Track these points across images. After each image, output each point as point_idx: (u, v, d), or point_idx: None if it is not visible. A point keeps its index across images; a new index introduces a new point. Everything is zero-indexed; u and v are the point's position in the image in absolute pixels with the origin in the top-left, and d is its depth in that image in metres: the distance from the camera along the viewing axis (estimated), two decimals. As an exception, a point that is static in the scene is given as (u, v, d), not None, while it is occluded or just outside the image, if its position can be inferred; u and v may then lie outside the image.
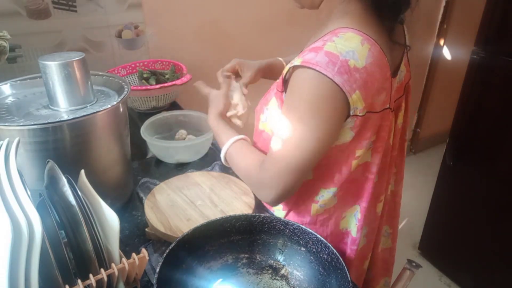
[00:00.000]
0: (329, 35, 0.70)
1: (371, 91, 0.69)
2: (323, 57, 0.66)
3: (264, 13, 1.87)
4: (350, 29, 0.70)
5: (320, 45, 0.68)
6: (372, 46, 0.69)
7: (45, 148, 0.75)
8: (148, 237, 0.85)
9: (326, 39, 0.69)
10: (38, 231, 0.53)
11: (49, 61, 0.77)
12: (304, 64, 0.67)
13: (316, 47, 0.68)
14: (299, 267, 0.73)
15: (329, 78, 0.65)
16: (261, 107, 0.87)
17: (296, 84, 0.70)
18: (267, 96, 0.87)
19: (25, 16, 1.35)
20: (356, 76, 0.66)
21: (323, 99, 0.67)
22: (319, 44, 0.69)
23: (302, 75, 0.68)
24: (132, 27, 1.57)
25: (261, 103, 0.88)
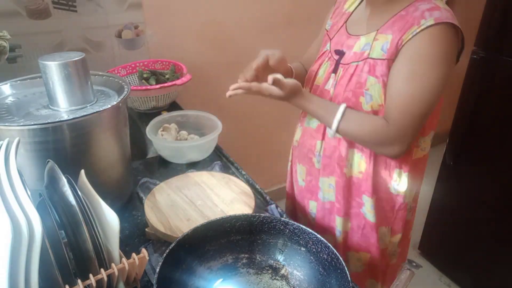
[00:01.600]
0: (423, 0, 0.82)
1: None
2: (446, 13, 0.78)
3: (264, 14, 1.87)
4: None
5: (433, 5, 0.80)
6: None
7: (45, 148, 0.75)
8: (148, 237, 0.85)
9: (428, 2, 0.81)
10: (38, 231, 0.53)
11: (49, 61, 0.77)
12: (439, 21, 0.77)
13: (432, 7, 0.79)
14: (299, 267, 0.73)
15: (458, 28, 0.79)
16: (354, 94, 0.87)
17: (431, 41, 0.78)
18: (352, 84, 0.88)
19: (25, 16, 1.34)
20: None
21: (453, 49, 0.81)
22: (429, 5, 0.80)
23: (437, 32, 0.78)
24: (132, 27, 1.57)
25: (350, 91, 0.88)
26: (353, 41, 0.91)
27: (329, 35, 1.01)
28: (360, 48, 0.89)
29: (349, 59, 0.90)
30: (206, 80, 1.80)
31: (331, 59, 0.96)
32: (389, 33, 0.83)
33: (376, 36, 0.86)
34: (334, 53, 0.95)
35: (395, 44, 0.81)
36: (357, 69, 0.87)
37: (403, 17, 0.82)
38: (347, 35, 0.95)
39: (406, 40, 0.80)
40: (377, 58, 0.85)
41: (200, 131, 1.22)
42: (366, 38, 0.88)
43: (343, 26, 0.98)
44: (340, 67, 0.92)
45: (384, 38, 0.84)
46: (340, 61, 0.93)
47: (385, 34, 0.84)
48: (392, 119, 0.83)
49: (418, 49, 0.79)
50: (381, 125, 0.85)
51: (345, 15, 1.00)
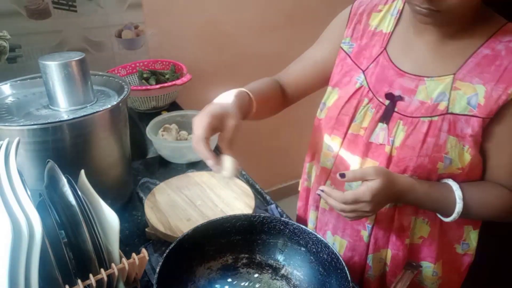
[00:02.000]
0: (509, 35, 0.66)
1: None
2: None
3: (264, 13, 1.87)
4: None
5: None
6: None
7: (45, 148, 0.75)
8: (148, 237, 0.85)
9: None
10: (38, 231, 0.53)
11: (49, 61, 0.77)
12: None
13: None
14: (299, 267, 0.73)
15: None
16: (432, 160, 0.70)
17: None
18: (428, 147, 0.70)
19: (25, 16, 1.34)
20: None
21: None
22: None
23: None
24: (132, 27, 1.57)
25: (426, 156, 0.70)
26: (412, 83, 0.71)
27: (358, 63, 0.79)
28: (432, 98, 0.69)
29: (414, 110, 0.71)
30: (206, 80, 1.80)
31: (373, 101, 0.75)
32: (478, 83, 0.66)
33: (454, 83, 0.68)
34: (383, 95, 0.74)
35: (495, 100, 0.65)
36: (432, 127, 0.69)
37: (492, 60, 0.65)
38: (397, 70, 0.73)
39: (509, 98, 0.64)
40: (460, 114, 0.67)
41: (200, 131, 1.22)
42: (437, 84, 0.69)
43: (383, 54, 0.75)
44: (399, 118, 0.72)
45: (471, 89, 0.66)
46: (395, 109, 0.73)
47: (470, 83, 0.67)
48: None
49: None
50: (508, 197, 0.72)
51: (378, 37, 0.77)
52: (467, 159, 0.70)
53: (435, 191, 0.71)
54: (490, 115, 0.66)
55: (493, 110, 0.66)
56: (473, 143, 0.68)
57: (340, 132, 0.80)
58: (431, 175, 0.72)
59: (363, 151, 0.77)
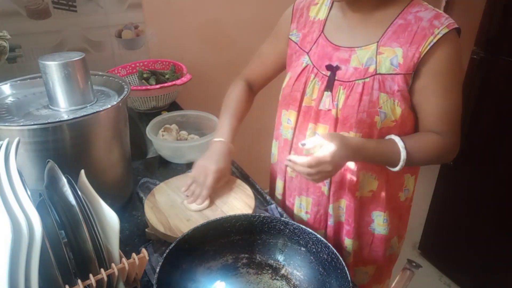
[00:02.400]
0: (417, 6, 0.80)
1: None
2: (448, 18, 0.78)
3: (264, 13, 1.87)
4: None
5: (434, 11, 0.79)
6: None
7: (45, 148, 0.75)
8: (148, 237, 0.85)
9: (425, 8, 0.80)
10: (38, 231, 0.53)
11: (49, 61, 0.77)
12: (451, 27, 0.77)
13: (436, 14, 0.78)
14: (299, 267, 0.73)
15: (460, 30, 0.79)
16: (369, 114, 0.82)
17: (451, 48, 0.78)
18: (365, 104, 0.82)
19: (25, 16, 1.35)
20: None
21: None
22: (429, 11, 0.79)
23: (453, 38, 0.78)
24: (132, 27, 1.57)
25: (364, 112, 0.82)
26: (346, 53, 0.85)
27: (303, 47, 0.92)
28: (362, 63, 0.82)
29: (350, 75, 0.83)
30: (206, 80, 1.80)
31: (318, 75, 0.88)
32: (396, 46, 0.79)
33: (378, 49, 0.81)
34: (325, 68, 0.87)
35: (411, 58, 0.78)
36: (365, 87, 0.82)
37: (405, 27, 0.79)
38: (333, 46, 0.87)
39: (424, 52, 0.77)
40: (386, 73, 0.80)
41: (200, 131, 1.22)
42: (365, 52, 0.82)
43: (321, 36, 0.89)
44: (339, 84, 0.84)
45: (392, 52, 0.80)
46: (335, 78, 0.85)
47: (390, 47, 0.80)
48: (445, 131, 0.84)
49: (442, 60, 0.78)
50: (438, 141, 0.84)
51: (316, 24, 0.91)
52: (398, 112, 0.82)
53: (382, 146, 0.84)
54: (409, 71, 0.79)
55: (411, 66, 0.79)
56: (401, 97, 0.81)
57: (294, 106, 0.93)
58: (372, 129, 0.84)
59: (315, 118, 0.89)
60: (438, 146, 0.85)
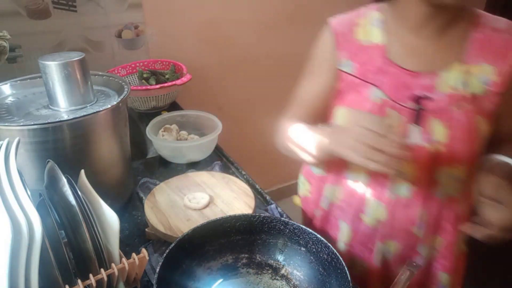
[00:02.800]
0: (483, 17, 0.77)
1: None
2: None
3: (264, 13, 1.87)
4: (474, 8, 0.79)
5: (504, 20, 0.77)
6: None
7: (45, 148, 0.75)
8: (148, 237, 0.85)
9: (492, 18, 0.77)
10: (38, 231, 0.53)
11: (49, 61, 0.77)
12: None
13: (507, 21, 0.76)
14: (299, 267, 0.73)
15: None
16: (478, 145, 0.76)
17: None
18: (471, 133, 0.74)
19: (25, 16, 1.35)
20: None
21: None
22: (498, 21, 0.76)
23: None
24: (132, 27, 1.57)
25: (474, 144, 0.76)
26: (427, 80, 0.75)
27: (365, 79, 0.79)
28: (453, 87, 0.74)
29: (443, 103, 0.74)
30: (206, 80, 1.80)
31: (401, 110, 0.76)
32: (485, 63, 0.73)
33: (467, 69, 0.74)
34: (406, 100, 0.75)
35: (503, 74, 0.73)
36: (467, 115, 0.74)
37: (486, 42, 0.74)
38: (409, 73, 0.76)
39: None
40: (478, 94, 0.74)
41: (200, 131, 1.22)
42: (450, 74, 0.74)
43: (388, 63, 0.77)
44: (431, 115, 0.75)
45: (481, 71, 0.73)
46: (423, 109, 0.75)
47: (478, 65, 0.73)
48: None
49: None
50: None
51: (374, 49, 0.78)
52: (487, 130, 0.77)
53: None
54: (503, 89, 0.74)
55: (505, 83, 0.73)
56: (486, 115, 0.75)
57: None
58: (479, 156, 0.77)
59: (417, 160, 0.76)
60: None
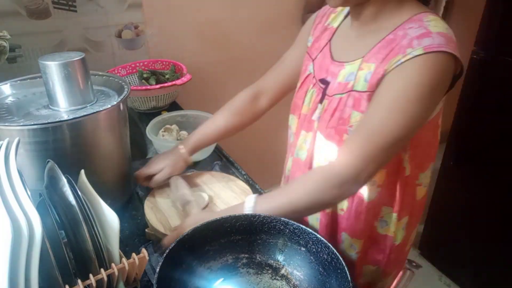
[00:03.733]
0: (414, 22, 0.71)
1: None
2: (439, 39, 0.67)
3: (264, 13, 1.87)
4: (426, 13, 0.72)
5: (424, 30, 0.68)
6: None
7: (45, 148, 0.75)
8: (148, 237, 0.85)
9: (418, 25, 0.70)
10: (38, 231, 0.53)
11: (49, 61, 0.77)
12: (429, 51, 0.66)
13: (423, 33, 0.68)
14: (299, 267, 0.73)
15: (453, 56, 0.67)
16: (337, 131, 0.78)
17: (418, 72, 0.67)
18: (335, 120, 0.78)
19: (25, 16, 1.34)
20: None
21: (444, 78, 0.70)
22: (419, 30, 0.69)
23: (424, 61, 0.67)
24: (132, 27, 1.57)
25: (332, 128, 0.78)
26: (337, 68, 0.81)
27: (311, 54, 0.89)
28: (345, 78, 0.78)
29: (334, 90, 0.80)
30: (206, 80, 1.80)
31: (316, 86, 0.85)
32: (372, 62, 0.73)
33: (361, 65, 0.75)
34: (319, 81, 0.84)
35: (377, 75, 0.71)
36: (340, 103, 0.77)
37: (390, 43, 0.72)
38: (330, 59, 0.83)
39: (388, 70, 0.70)
40: (361, 91, 0.74)
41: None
42: (351, 67, 0.78)
43: (327, 45, 0.86)
44: (326, 98, 0.81)
45: (368, 68, 0.74)
46: (326, 91, 0.82)
47: (369, 63, 0.74)
48: (350, 147, 0.73)
49: (401, 79, 0.69)
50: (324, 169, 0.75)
51: (328, 31, 0.87)
52: None
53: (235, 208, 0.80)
54: (372, 89, 0.72)
55: (375, 85, 0.72)
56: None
57: (297, 113, 0.92)
58: (340, 145, 0.78)
59: (308, 126, 0.88)
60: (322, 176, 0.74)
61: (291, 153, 0.96)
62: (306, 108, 0.88)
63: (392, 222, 0.86)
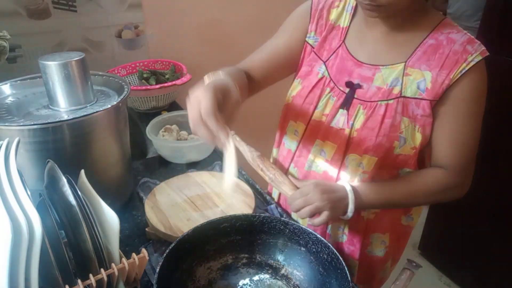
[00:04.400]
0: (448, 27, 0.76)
1: None
2: (480, 44, 0.74)
3: (264, 13, 1.87)
4: (447, 19, 0.78)
5: (467, 36, 0.74)
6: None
7: (45, 148, 0.75)
8: (148, 237, 0.85)
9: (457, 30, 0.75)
10: (38, 231, 0.53)
11: (49, 61, 0.77)
12: (484, 55, 0.73)
13: (469, 38, 0.74)
14: (299, 267, 0.73)
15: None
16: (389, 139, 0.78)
17: (481, 78, 0.75)
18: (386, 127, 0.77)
19: (25, 16, 1.34)
20: None
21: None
22: (465, 36, 0.74)
23: (483, 67, 0.74)
24: (132, 27, 1.57)
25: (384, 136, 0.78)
26: (369, 71, 0.79)
27: (320, 54, 0.86)
28: (387, 84, 0.77)
29: (372, 95, 0.78)
30: (206, 80, 1.80)
31: (335, 90, 0.82)
32: (425, 70, 0.75)
33: (405, 70, 0.76)
34: (343, 84, 0.81)
35: (440, 84, 0.74)
36: (388, 109, 0.77)
37: (436, 49, 0.74)
38: (355, 61, 0.81)
39: (454, 79, 0.73)
40: (411, 97, 0.76)
41: (200, 131, 1.22)
42: (391, 71, 0.77)
43: (342, 46, 0.83)
44: (359, 103, 0.79)
45: (420, 75, 0.75)
46: (354, 96, 0.80)
47: (419, 69, 0.75)
48: (452, 165, 0.81)
49: (470, 88, 0.74)
50: (438, 179, 0.82)
51: (336, 31, 0.85)
52: (419, 139, 0.78)
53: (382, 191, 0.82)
54: (436, 97, 0.75)
55: (438, 93, 0.74)
56: (422, 122, 0.77)
57: (304, 119, 0.87)
58: (389, 155, 0.79)
59: (323, 135, 0.84)
60: (437, 185, 0.82)
61: (294, 164, 0.92)
62: (319, 113, 0.84)
63: (416, 214, 0.95)
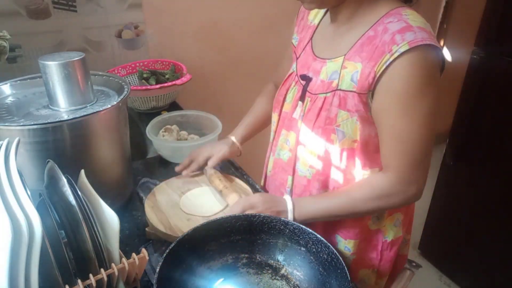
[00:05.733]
0: (392, 16, 0.71)
1: None
2: (420, 32, 0.67)
3: (264, 13, 1.87)
4: (403, 7, 0.73)
5: (404, 24, 0.68)
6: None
7: (45, 148, 0.75)
8: (148, 237, 0.85)
9: (398, 19, 0.70)
10: (38, 231, 0.53)
11: (49, 61, 0.77)
12: (414, 45, 0.66)
13: (403, 27, 0.68)
14: (299, 267, 0.73)
15: (439, 48, 0.68)
16: (324, 131, 0.78)
17: (411, 69, 0.68)
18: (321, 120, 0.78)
19: (25, 16, 1.34)
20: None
21: (435, 70, 0.70)
22: (399, 24, 0.69)
23: (416, 58, 0.67)
24: (132, 27, 1.57)
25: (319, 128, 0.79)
26: (319, 65, 0.81)
27: (296, 52, 0.91)
28: (328, 76, 0.78)
29: (316, 88, 0.80)
30: (206, 80, 1.80)
31: (298, 84, 0.86)
32: (358, 61, 0.73)
33: (344, 63, 0.75)
34: (300, 78, 0.85)
35: (367, 76, 0.71)
36: (325, 102, 0.77)
37: (372, 40, 0.72)
38: (313, 56, 0.84)
39: (379, 72, 0.69)
40: (347, 90, 0.74)
41: (200, 131, 1.22)
42: (333, 64, 0.77)
43: (309, 43, 0.87)
44: (307, 96, 0.82)
45: (353, 67, 0.73)
46: (307, 88, 0.82)
47: (353, 61, 0.74)
48: (393, 166, 0.76)
49: (398, 82, 0.69)
50: (381, 182, 0.77)
51: (310, 29, 0.88)
52: (358, 132, 0.77)
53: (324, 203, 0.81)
54: (363, 90, 0.73)
55: (365, 86, 0.72)
56: (359, 116, 0.75)
57: (277, 110, 0.93)
58: (329, 147, 0.79)
59: (288, 125, 0.88)
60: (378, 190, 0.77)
61: (272, 153, 0.97)
62: (287, 105, 0.89)
63: (383, 217, 0.88)
